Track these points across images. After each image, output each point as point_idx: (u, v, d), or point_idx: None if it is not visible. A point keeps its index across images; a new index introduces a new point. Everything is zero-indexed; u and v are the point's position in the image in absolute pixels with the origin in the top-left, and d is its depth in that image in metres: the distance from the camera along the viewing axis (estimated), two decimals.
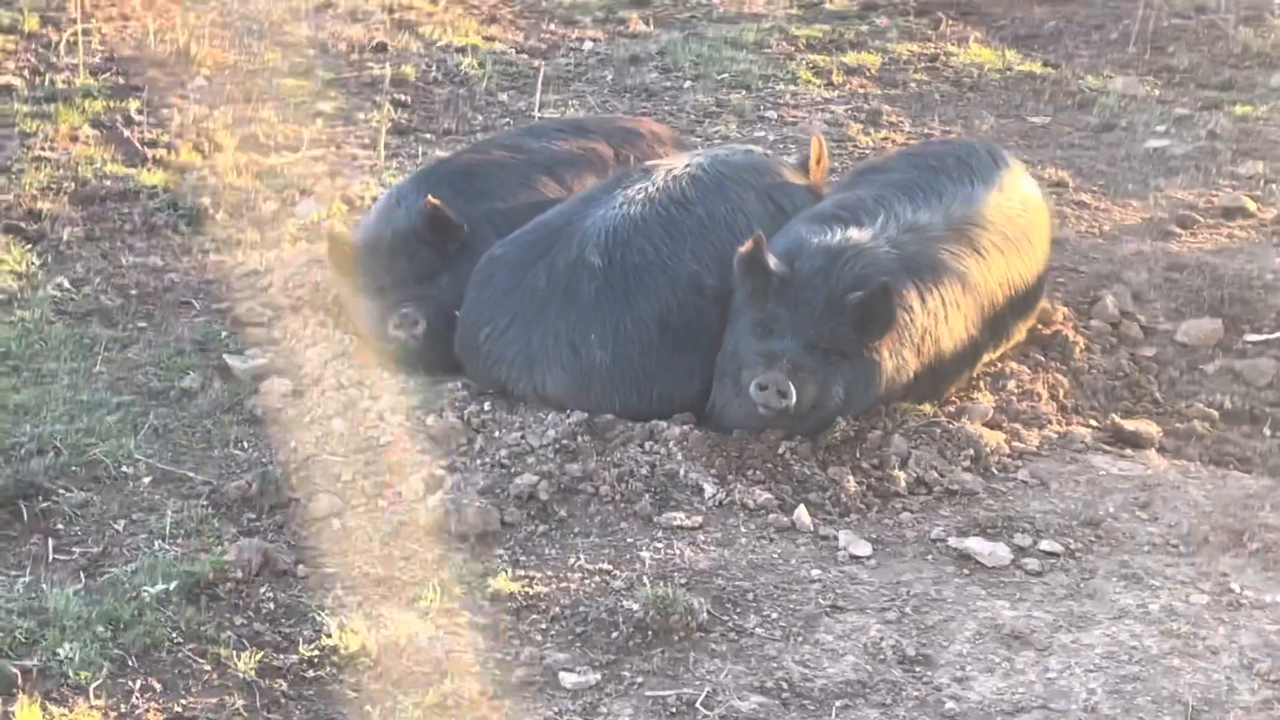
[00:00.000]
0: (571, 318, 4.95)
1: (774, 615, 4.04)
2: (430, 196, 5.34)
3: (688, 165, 5.37)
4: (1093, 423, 5.09)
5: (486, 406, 4.97)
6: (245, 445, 4.83)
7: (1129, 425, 4.99)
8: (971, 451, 4.78)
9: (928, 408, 4.99)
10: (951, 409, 5.03)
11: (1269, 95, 8.56)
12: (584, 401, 4.90)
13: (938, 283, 4.97)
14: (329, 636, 3.86)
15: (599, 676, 3.78)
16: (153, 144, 7.30)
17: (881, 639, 3.94)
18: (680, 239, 5.07)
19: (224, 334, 5.54)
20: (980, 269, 5.11)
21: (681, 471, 4.64)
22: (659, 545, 4.34)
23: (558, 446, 4.74)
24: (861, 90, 8.61)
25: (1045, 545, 4.36)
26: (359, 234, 5.68)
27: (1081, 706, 3.71)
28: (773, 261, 4.75)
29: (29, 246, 6.15)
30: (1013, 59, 9.16)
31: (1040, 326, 5.57)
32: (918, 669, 3.85)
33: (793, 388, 4.60)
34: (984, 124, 8.07)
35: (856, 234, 4.93)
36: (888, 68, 9.02)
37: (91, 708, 3.58)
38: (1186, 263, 6.23)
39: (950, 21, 9.89)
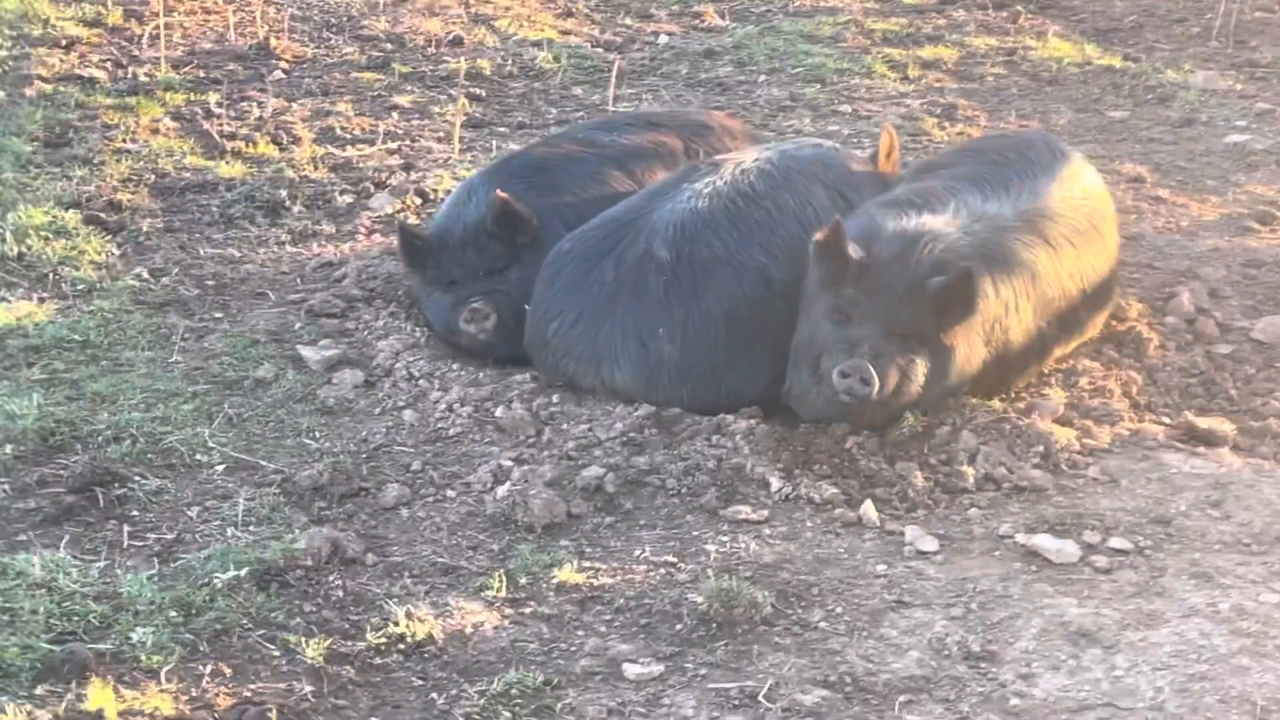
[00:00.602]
0: (639, 312, 4.97)
1: (838, 610, 4.04)
2: (499, 190, 5.38)
3: (756, 159, 5.37)
4: (1166, 420, 5.04)
5: (554, 399, 5.01)
6: (317, 435, 4.89)
7: (1202, 423, 4.94)
8: (1041, 448, 4.75)
9: (997, 404, 4.97)
10: (1021, 405, 5.00)
11: None
12: (652, 396, 4.93)
13: (1010, 272, 4.94)
14: (396, 624, 3.90)
15: (662, 668, 3.80)
16: (231, 136, 7.39)
17: (946, 635, 3.92)
18: (748, 233, 5.07)
19: (298, 325, 5.60)
20: (1051, 260, 5.08)
21: (748, 465, 4.65)
22: (724, 539, 4.35)
23: (625, 439, 4.76)
24: (938, 84, 8.57)
25: (1114, 543, 4.33)
26: (431, 227, 5.74)
27: (1148, 705, 3.68)
28: (852, 247, 4.73)
29: (109, 237, 6.25)
30: (1092, 53, 9.08)
31: (1114, 323, 5.52)
32: (982, 665, 3.83)
33: (875, 374, 4.59)
34: (1061, 118, 8.01)
35: (932, 220, 4.91)
36: (965, 61, 8.96)
37: (162, 691, 3.64)
38: (1265, 259, 6.15)
39: (1029, 15, 9.81)
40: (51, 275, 5.88)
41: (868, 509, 4.48)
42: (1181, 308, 5.66)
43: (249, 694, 3.67)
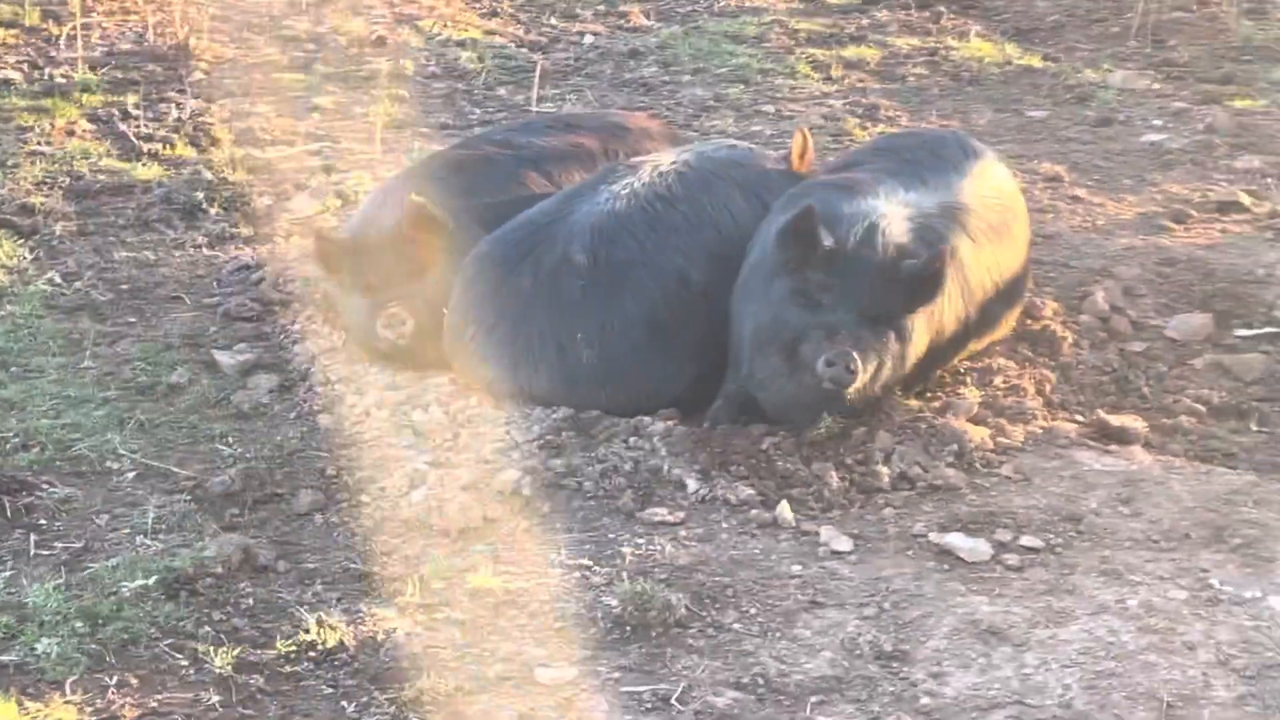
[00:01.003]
0: (557, 317, 4.95)
1: (753, 611, 4.04)
2: (413, 195, 5.35)
3: (673, 161, 5.37)
4: (1079, 418, 5.07)
5: (472, 402, 4.99)
6: (230, 440, 4.85)
7: (1115, 420, 4.98)
8: (955, 447, 4.77)
9: (913, 402, 4.99)
10: (937, 404, 5.02)
11: (1269, 89, 8.51)
12: (570, 401, 4.91)
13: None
14: (307, 632, 3.87)
15: (575, 672, 3.79)
16: (149, 138, 7.32)
17: (859, 635, 3.94)
18: (666, 235, 5.07)
19: (213, 329, 5.55)
20: (972, 251, 5.11)
21: (665, 467, 4.64)
22: (640, 541, 4.34)
23: (542, 442, 4.75)
24: (860, 84, 8.60)
25: (1026, 541, 4.35)
26: (347, 230, 5.69)
27: (1057, 702, 3.70)
28: (824, 233, 4.68)
29: (21, 241, 6.17)
30: (1012, 53, 9.14)
31: (1029, 321, 5.55)
32: (894, 664, 3.84)
33: (860, 361, 4.57)
34: (982, 118, 8.06)
35: (882, 205, 4.91)
36: (887, 62, 9.00)
37: (67, 703, 3.59)
38: (1179, 258, 6.21)
39: (951, 15, 9.85)
40: None
41: (783, 510, 4.48)
42: (1096, 306, 5.70)
43: (155, 704, 3.63)
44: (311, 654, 3.82)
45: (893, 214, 4.89)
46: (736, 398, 4.97)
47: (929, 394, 5.09)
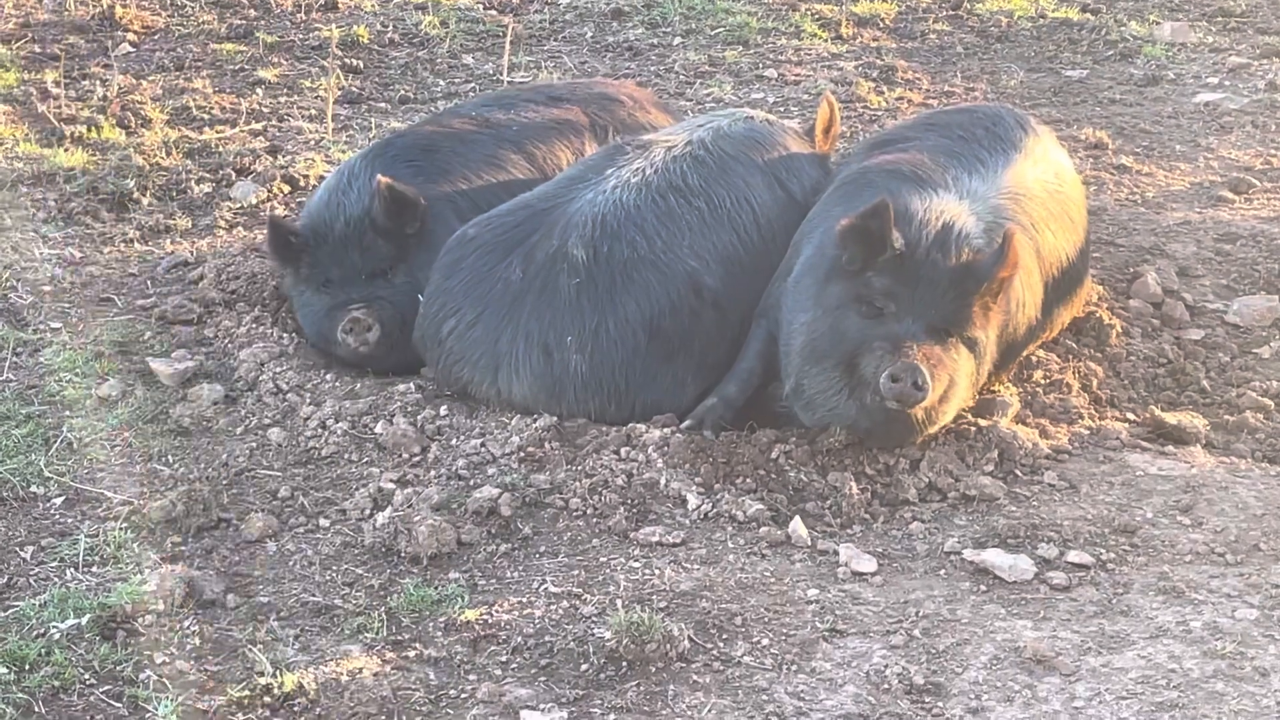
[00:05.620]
0: (547, 317, 4.96)
1: (765, 642, 4.06)
2: (381, 176, 5.34)
3: (688, 143, 5.38)
4: (1130, 416, 5.10)
5: (443, 411, 5.00)
6: (170, 460, 4.86)
7: (1171, 418, 5.00)
8: (993, 453, 4.79)
9: None
10: (970, 404, 5.03)
11: None
12: (554, 411, 4.93)
13: None
14: (261, 675, 3.87)
15: (565, 714, 3.80)
16: (71, 120, 7.34)
17: (886, 666, 3.95)
18: (678, 232, 5.08)
19: (148, 334, 5.57)
20: (1041, 248, 5.10)
21: (662, 480, 4.65)
22: (635, 565, 4.36)
23: (522, 455, 4.76)
24: (874, 44, 8.63)
25: (1073, 556, 4.37)
26: (304, 219, 5.69)
27: None
28: (897, 236, 4.66)
29: None
30: (1046, 4, 9.18)
31: None
32: (927, 699, 3.85)
33: (929, 377, 4.57)
34: (1013, 79, 8.09)
35: (954, 199, 4.90)
36: (904, 17, 9.03)
37: None
38: (1240, 232, 6.24)
39: None
40: None
41: (797, 526, 4.50)
42: (1147, 289, 5.72)
43: None
44: (267, 699, 3.82)
45: (964, 209, 4.87)
46: (735, 403, 4.97)
47: None
